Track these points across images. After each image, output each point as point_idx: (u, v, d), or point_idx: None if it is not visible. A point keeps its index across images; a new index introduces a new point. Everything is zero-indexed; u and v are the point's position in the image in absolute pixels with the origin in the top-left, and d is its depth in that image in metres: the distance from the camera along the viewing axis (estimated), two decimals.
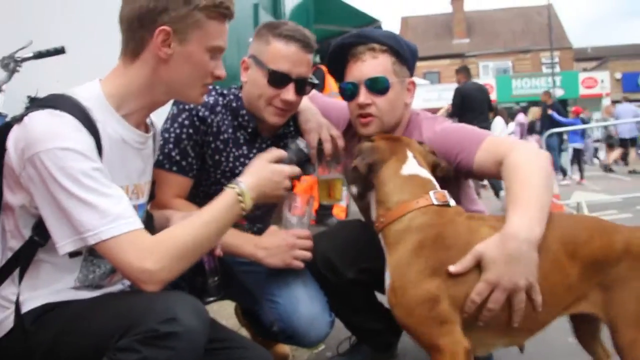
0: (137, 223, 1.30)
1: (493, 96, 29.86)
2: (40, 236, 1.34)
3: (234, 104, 1.99)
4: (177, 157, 1.89)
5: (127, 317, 1.23)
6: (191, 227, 1.36)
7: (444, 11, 37.48)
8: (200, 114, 1.90)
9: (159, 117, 1.70)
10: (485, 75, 33.17)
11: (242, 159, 2.00)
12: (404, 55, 1.92)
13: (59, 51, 2.56)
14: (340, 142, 2.02)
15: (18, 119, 1.31)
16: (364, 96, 1.89)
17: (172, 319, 1.19)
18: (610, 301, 1.53)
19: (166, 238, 1.32)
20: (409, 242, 1.55)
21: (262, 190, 1.55)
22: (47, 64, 2.58)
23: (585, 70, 32.13)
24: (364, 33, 1.95)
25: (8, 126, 1.33)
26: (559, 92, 24.97)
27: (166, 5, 1.40)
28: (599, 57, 34.97)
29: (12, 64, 2.46)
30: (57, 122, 1.28)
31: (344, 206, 6.76)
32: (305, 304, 1.90)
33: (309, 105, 2.13)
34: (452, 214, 1.59)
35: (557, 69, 28.30)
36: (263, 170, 1.58)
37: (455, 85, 9.41)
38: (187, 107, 1.89)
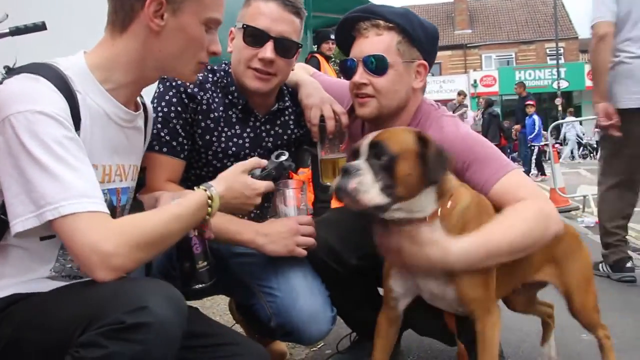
0: (103, 206, 1.19)
1: (495, 88, 30.03)
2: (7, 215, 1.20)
3: (224, 80, 1.87)
4: (167, 138, 1.76)
5: (91, 308, 1.10)
6: (157, 218, 1.26)
7: (445, 0, 37.14)
8: (189, 90, 1.78)
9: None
10: (488, 66, 32.99)
11: (235, 139, 1.87)
12: (415, 35, 1.77)
13: (40, 27, 2.38)
14: (344, 119, 1.88)
15: None
16: (359, 75, 1.77)
17: (141, 308, 1.06)
18: (560, 273, 1.86)
19: (129, 224, 1.21)
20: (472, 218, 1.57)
21: (230, 202, 1.47)
22: (26, 41, 2.39)
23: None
24: (371, 7, 1.80)
25: None
26: (563, 84, 24.77)
27: None
28: None
29: None
30: (32, 85, 1.20)
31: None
32: (305, 297, 1.75)
33: (311, 79, 2.01)
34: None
35: (562, 60, 28.00)
36: (236, 182, 1.50)
37: (456, 77, 9.29)
38: (174, 83, 1.78)
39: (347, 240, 1.86)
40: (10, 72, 1.29)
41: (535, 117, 14.26)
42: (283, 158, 1.63)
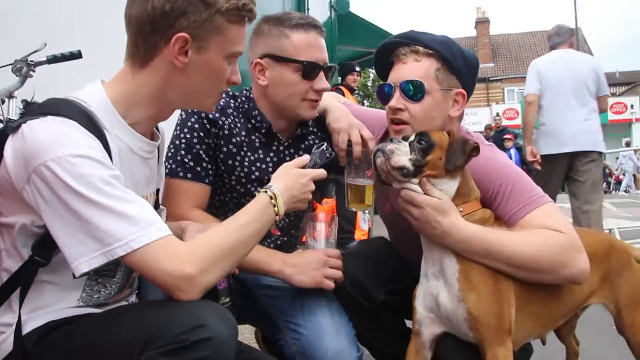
0: (167, 229, 1.19)
1: (518, 121, 29.81)
2: (42, 256, 1.21)
3: (245, 106, 1.87)
4: (191, 164, 1.75)
5: (149, 328, 1.11)
6: (225, 231, 1.27)
7: (468, 35, 37.33)
8: (211, 116, 1.78)
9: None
10: (511, 99, 32.84)
11: (258, 164, 1.85)
12: (454, 63, 1.75)
13: (76, 56, 2.42)
14: (372, 145, 1.85)
15: (13, 128, 1.17)
16: (396, 100, 1.74)
17: (200, 326, 1.08)
18: (612, 290, 1.80)
19: (201, 243, 1.23)
20: None
21: (292, 193, 1.45)
22: (62, 70, 2.44)
23: (613, 95, 31.58)
24: (412, 34, 1.80)
25: (1, 136, 1.19)
26: None
27: (184, 8, 1.25)
28: (628, 82, 34.39)
29: (25, 68, 2.33)
30: (64, 128, 1.16)
31: (365, 230, 6.57)
32: (331, 336, 1.70)
33: (339, 105, 2.00)
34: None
35: None
36: (289, 174, 1.49)
37: (478, 110, 9.30)
38: (195, 109, 1.77)
39: (375, 274, 1.82)
40: (29, 106, 1.27)
41: (513, 150, 13.98)
42: (323, 147, 1.64)
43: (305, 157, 1.58)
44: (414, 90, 1.71)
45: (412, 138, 1.60)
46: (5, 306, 1.23)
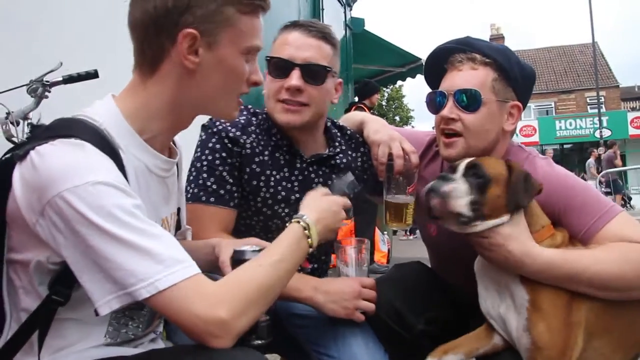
0: (196, 267, 1.07)
1: (535, 138, 29.59)
2: (59, 294, 1.11)
3: (267, 123, 1.77)
4: (214, 187, 1.66)
5: None
6: (259, 266, 1.15)
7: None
8: (231, 134, 1.69)
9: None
10: (528, 116, 32.63)
11: (284, 183, 1.75)
12: (511, 74, 1.65)
13: (92, 75, 2.37)
14: (414, 159, 1.75)
15: (20, 155, 1.05)
16: (449, 109, 1.63)
17: None
18: None
19: (234, 282, 1.10)
20: None
21: (325, 222, 1.36)
22: (78, 90, 2.38)
23: (633, 109, 31.22)
24: (468, 40, 1.70)
25: (7, 164, 1.07)
26: (606, 133, 24.21)
27: (188, 2, 1.14)
28: None
29: (40, 89, 2.27)
30: (78, 152, 1.05)
31: (384, 252, 6.46)
32: None
33: (377, 117, 1.92)
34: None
35: (603, 109, 27.50)
36: (320, 202, 1.40)
37: None
38: (215, 129, 1.70)
39: (413, 301, 1.70)
40: (35, 129, 1.15)
41: None
42: (351, 178, 1.56)
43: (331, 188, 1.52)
44: (469, 100, 1.61)
45: (461, 167, 1.49)
46: (27, 348, 1.12)
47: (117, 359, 1.15)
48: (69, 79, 2.32)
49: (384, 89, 21.84)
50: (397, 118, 27.65)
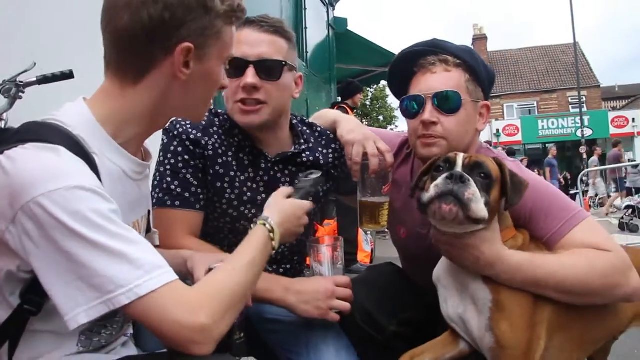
0: (173, 273, 1.05)
1: (518, 137, 29.85)
2: (31, 304, 1.07)
3: (229, 124, 1.73)
4: (179, 190, 1.63)
5: None
6: (233, 270, 1.15)
7: None
8: (192, 137, 1.66)
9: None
10: (510, 116, 32.91)
11: (249, 184, 1.72)
12: (480, 74, 1.66)
13: (67, 75, 2.33)
14: (389, 158, 1.71)
15: None
16: (429, 113, 1.61)
17: None
18: None
19: (211, 287, 1.09)
20: None
21: (287, 226, 1.38)
22: (53, 90, 2.35)
23: (614, 109, 31.64)
24: (437, 42, 1.69)
25: None
26: (587, 132, 24.49)
27: (184, 16, 1.14)
28: (628, 96, 34.52)
29: (13, 90, 2.23)
30: (52, 156, 1.02)
31: (368, 251, 6.48)
32: None
33: (351, 116, 1.89)
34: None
35: (585, 109, 27.83)
36: (284, 207, 1.41)
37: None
38: (176, 132, 1.67)
39: (385, 303, 1.70)
40: (3, 134, 1.08)
41: None
42: (317, 174, 1.55)
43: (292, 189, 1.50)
44: (450, 102, 1.60)
45: (459, 162, 1.43)
46: None
47: None
48: (43, 80, 2.29)
49: (368, 88, 21.86)
50: (381, 118, 27.71)
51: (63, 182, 0.98)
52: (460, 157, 1.44)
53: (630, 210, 10.24)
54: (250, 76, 1.61)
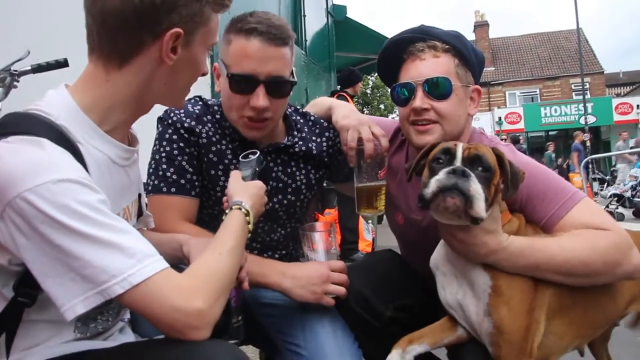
0: (164, 261, 1.06)
1: (521, 125, 29.75)
2: (25, 296, 1.07)
3: (217, 116, 1.73)
4: (174, 177, 1.64)
5: None
6: (220, 255, 1.16)
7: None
8: (186, 125, 1.67)
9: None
10: (513, 103, 32.78)
11: None
12: (469, 58, 1.65)
13: (62, 64, 2.32)
14: (384, 142, 1.71)
15: None
16: (420, 100, 1.61)
17: None
18: None
19: (202, 272, 1.10)
20: None
21: (256, 208, 1.39)
22: (49, 79, 2.34)
23: (618, 95, 31.47)
24: (425, 29, 1.69)
25: None
26: (591, 119, 24.37)
27: (176, 1, 1.13)
28: (632, 82, 34.32)
29: (8, 79, 2.23)
30: (36, 150, 1.01)
31: (369, 240, 6.47)
32: (334, 358, 1.55)
33: (345, 102, 1.88)
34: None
35: (588, 96, 27.68)
36: (250, 188, 1.43)
37: (480, 115, 9.26)
38: (170, 121, 1.67)
39: (382, 289, 1.69)
40: None
41: None
42: (254, 156, 1.56)
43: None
44: (441, 88, 1.60)
45: (459, 153, 1.40)
46: None
47: (86, 353, 1.13)
48: (38, 68, 2.28)
49: (368, 76, 21.76)
50: (382, 106, 27.62)
51: (49, 175, 0.98)
52: (459, 149, 1.41)
53: (616, 199, 10.21)
54: (262, 98, 1.57)
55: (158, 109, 1.40)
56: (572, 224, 1.47)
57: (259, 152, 1.55)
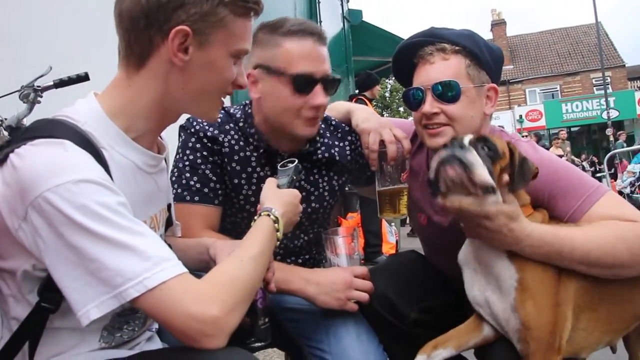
0: (182, 266, 1.05)
1: (542, 122, 29.37)
2: (49, 301, 1.07)
3: (241, 124, 1.73)
4: (198, 185, 1.65)
5: None
6: (241, 262, 1.14)
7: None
8: (209, 134, 1.68)
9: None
10: (533, 101, 32.38)
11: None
12: (482, 57, 1.63)
13: (83, 78, 2.36)
14: (407, 144, 1.71)
15: (0, 159, 1.04)
16: (429, 104, 1.60)
17: None
18: None
19: (221, 279, 1.08)
20: None
21: (288, 216, 1.37)
22: (70, 94, 2.37)
23: None
24: (434, 31, 1.68)
25: None
26: (613, 114, 23.94)
27: None
28: None
29: (32, 94, 2.27)
30: (58, 151, 1.03)
31: (393, 243, 6.44)
32: None
33: (363, 106, 1.89)
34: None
35: (610, 90, 27.22)
36: (283, 196, 1.40)
37: (501, 114, 9.17)
38: (192, 130, 1.68)
39: (406, 291, 1.68)
40: (14, 132, 1.13)
41: None
42: (294, 163, 1.54)
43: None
44: (449, 92, 1.59)
45: (466, 140, 1.41)
46: (20, 357, 1.10)
47: None
48: (60, 83, 2.32)
49: (386, 80, 21.71)
50: (402, 109, 27.52)
51: (69, 175, 0.98)
52: (467, 137, 1.43)
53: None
54: (322, 96, 1.63)
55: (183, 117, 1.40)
56: (597, 217, 1.45)
57: (296, 161, 1.54)
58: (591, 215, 1.46)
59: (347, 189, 1.99)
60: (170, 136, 1.44)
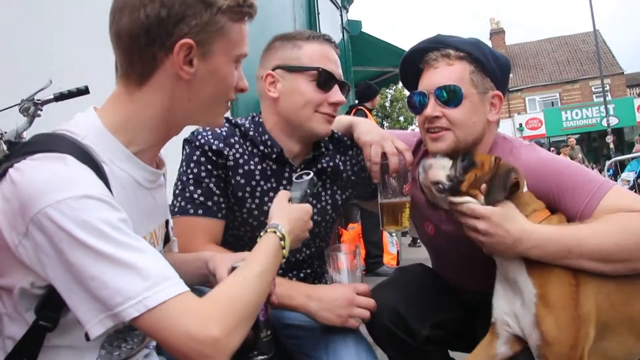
0: (183, 284, 1.02)
1: (542, 130, 29.39)
2: (47, 319, 1.05)
3: (251, 132, 1.73)
4: (201, 199, 1.64)
5: None
6: (244, 280, 1.11)
7: None
8: (214, 147, 1.67)
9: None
10: (533, 109, 32.44)
11: (271, 194, 1.71)
12: (487, 64, 1.63)
13: (83, 92, 2.34)
14: (409, 156, 1.71)
15: None
16: (431, 107, 1.61)
17: None
18: None
19: (222, 298, 1.05)
20: None
21: (296, 233, 1.35)
22: (70, 107, 2.37)
23: None
24: (440, 38, 1.69)
25: None
26: (613, 121, 23.97)
27: (183, 12, 1.10)
28: None
29: (32, 108, 2.25)
30: (59, 166, 1.00)
31: (394, 254, 6.40)
32: None
33: (365, 119, 1.89)
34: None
35: (609, 97, 27.26)
36: (292, 212, 1.38)
37: (501, 122, 9.16)
38: (197, 143, 1.68)
39: (417, 306, 1.66)
40: (13, 146, 1.11)
41: None
42: (309, 175, 1.53)
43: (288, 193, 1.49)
44: (451, 95, 1.59)
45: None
46: None
47: None
48: (60, 97, 2.30)
49: (386, 89, 21.77)
50: (402, 118, 27.58)
51: (71, 191, 0.96)
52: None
53: None
54: (340, 94, 1.71)
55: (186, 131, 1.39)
56: (605, 212, 1.43)
57: (312, 174, 1.54)
58: (600, 211, 1.44)
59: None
60: (171, 151, 1.43)
